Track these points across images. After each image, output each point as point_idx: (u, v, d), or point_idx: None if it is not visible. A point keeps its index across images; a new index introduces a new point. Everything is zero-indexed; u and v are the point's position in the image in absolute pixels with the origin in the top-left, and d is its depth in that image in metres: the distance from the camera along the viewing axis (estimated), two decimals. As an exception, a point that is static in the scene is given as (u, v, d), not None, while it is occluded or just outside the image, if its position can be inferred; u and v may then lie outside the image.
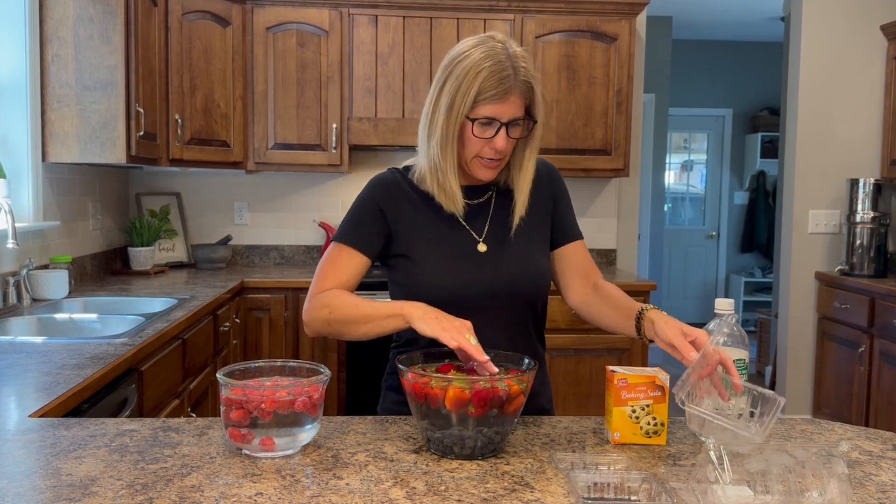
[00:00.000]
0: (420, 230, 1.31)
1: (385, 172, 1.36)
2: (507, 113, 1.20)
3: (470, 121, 1.21)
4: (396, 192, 1.32)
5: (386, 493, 0.93)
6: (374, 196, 1.32)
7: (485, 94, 1.19)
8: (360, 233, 1.31)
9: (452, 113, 1.21)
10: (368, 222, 1.31)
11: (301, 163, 3.33)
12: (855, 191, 3.60)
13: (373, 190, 1.34)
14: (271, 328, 3.11)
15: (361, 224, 1.32)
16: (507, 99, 1.19)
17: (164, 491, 0.92)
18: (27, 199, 2.53)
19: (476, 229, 1.32)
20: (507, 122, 1.21)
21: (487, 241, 1.31)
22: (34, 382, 1.44)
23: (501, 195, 1.34)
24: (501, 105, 1.19)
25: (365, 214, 1.32)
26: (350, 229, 1.32)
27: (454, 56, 1.22)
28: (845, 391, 3.53)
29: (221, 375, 1.06)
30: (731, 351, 1.14)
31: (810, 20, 3.73)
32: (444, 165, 1.24)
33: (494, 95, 1.19)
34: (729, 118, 6.73)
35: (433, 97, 1.24)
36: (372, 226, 1.31)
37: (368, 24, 3.30)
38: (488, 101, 1.19)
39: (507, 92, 1.19)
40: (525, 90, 1.21)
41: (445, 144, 1.23)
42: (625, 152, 3.41)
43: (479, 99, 1.19)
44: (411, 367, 1.09)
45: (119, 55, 2.54)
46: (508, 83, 1.19)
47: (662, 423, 1.13)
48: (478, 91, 1.18)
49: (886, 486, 1.00)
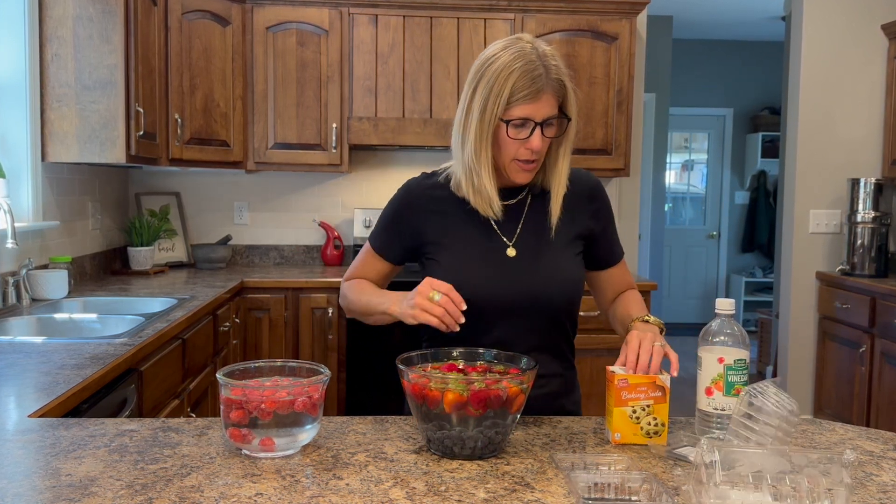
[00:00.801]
0: (449, 235, 1.31)
1: (417, 177, 1.38)
2: (540, 112, 1.20)
3: (504, 122, 1.21)
4: (426, 197, 1.34)
5: (386, 493, 0.93)
6: (404, 202, 1.36)
7: (518, 95, 1.18)
8: (386, 239, 1.38)
9: (486, 116, 1.21)
10: (394, 229, 1.37)
11: (301, 162, 3.33)
12: (856, 190, 3.59)
13: (404, 195, 1.37)
14: (271, 328, 3.10)
15: (388, 230, 1.38)
16: (540, 98, 1.19)
17: (163, 491, 0.92)
18: (27, 199, 2.53)
19: (507, 233, 1.30)
20: (541, 121, 1.21)
21: (518, 246, 1.30)
22: (34, 382, 1.43)
23: (536, 198, 1.33)
24: (535, 104, 1.19)
25: (392, 220, 1.37)
26: (378, 233, 1.40)
27: (484, 60, 1.22)
28: (846, 391, 3.52)
29: (221, 375, 1.06)
30: (731, 351, 1.14)
31: (811, 19, 3.73)
32: (479, 169, 1.24)
33: (527, 95, 1.18)
34: (730, 118, 6.73)
35: (465, 102, 1.24)
36: (397, 232, 1.36)
37: (368, 24, 3.30)
38: (521, 101, 1.19)
39: (540, 91, 1.19)
40: (558, 88, 1.21)
41: (480, 148, 1.23)
42: (625, 152, 3.41)
43: (513, 100, 1.19)
44: (411, 368, 1.09)
45: (119, 55, 2.53)
46: (541, 82, 1.19)
47: (663, 424, 1.13)
48: (511, 92, 1.18)
49: (888, 486, 0.99)
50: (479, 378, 1.05)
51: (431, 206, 1.33)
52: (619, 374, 1.13)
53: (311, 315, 3.11)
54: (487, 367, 1.14)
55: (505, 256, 1.29)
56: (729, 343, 1.15)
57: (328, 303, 3.11)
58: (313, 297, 3.11)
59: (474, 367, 1.14)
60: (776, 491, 0.87)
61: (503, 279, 1.28)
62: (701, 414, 1.16)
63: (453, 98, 3.33)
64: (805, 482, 0.87)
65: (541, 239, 1.30)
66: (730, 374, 1.13)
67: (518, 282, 1.28)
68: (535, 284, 1.28)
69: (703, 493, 0.87)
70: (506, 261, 1.29)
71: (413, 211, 1.34)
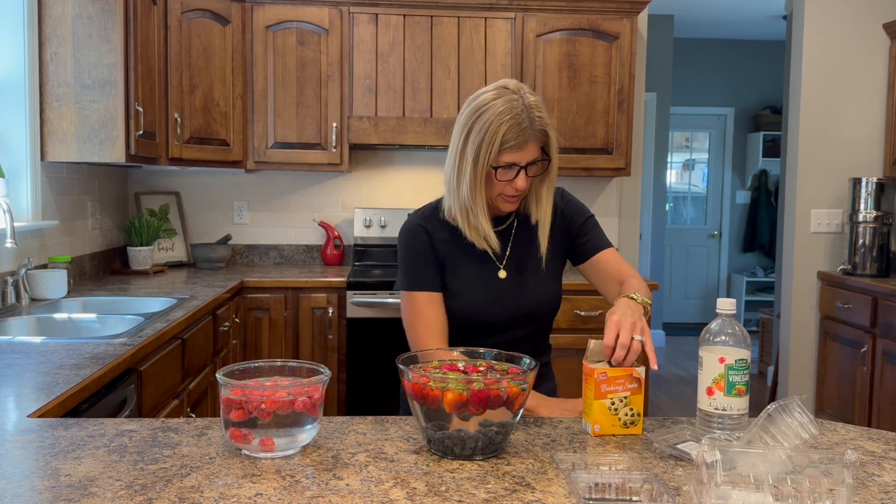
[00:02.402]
0: (453, 261, 1.45)
1: (412, 220, 1.49)
2: (525, 158, 1.36)
3: (494, 168, 1.36)
4: (429, 231, 1.46)
5: (386, 493, 0.92)
6: (419, 236, 1.46)
7: (506, 145, 1.34)
8: (424, 274, 1.44)
9: (479, 163, 1.36)
10: (425, 262, 1.44)
11: (301, 162, 3.32)
12: (857, 190, 3.59)
13: (415, 234, 1.46)
14: (271, 328, 3.10)
15: (421, 266, 1.45)
16: (526, 147, 1.35)
17: (163, 491, 0.91)
18: (26, 199, 2.53)
19: (497, 256, 1.47)
20: (525, 164, 1.36)
21: (507, 268, 1.46)
22: (33, 382, 1.43)
23: (521, 224, 1.49)
24: (521, 152, 1.35)
25: (419, 256, 1.45)
26: (414, 275, 1.45)
27: (473, 110, 1.37)
28: (848, 391, 3.52)
29: (221, 375, 1.05)
30: (732, 350, 1.13)
31: (812, 18, 3.72)
32: (475, 209, 1.39)
33: (514, 146, 1.34)
34: (731, 117, 6.72)
35: (458, 146, 1.38)
36: (430, 263, 1.44)
37: (369, 23, 3.29)
38: (509, 150, 1.34)
39: (525, 141, 1.34)
40: (540, 136, 1.36)
41: (474, 189, 1.38)
42: (626, 151, 3.40)
43: (502, 149, 1.34)
44: (411, 368, 1.09)
45: (118, 54, 2.53)
46: (526, 134, 1.34)
47: (639, 414, 1.18)
48: (501, 142, 1.33)
49: (889, 486, 0.99)
50: (479, 378, 1.04)
51: (435, 239, 1.46)
52: (598, 368, 1.18)
53: (311, 315, 3.11)
54: (488, 366, 1.14)
55: (497, 278, 1.46)
56: (730, 343, 1.14)
57: (328, 303, 3.10)
58: (313, 297, 3.10)
59: (475, 368, 1.14)
60: (777, 491, 0.87)
61: (497, 299, 1.44)
62: (702, 414, 1.16)
63: (454, 97, 3.32)
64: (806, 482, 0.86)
65: (526, 261, 1.47)
66: (731, 373, 1.13)
67: (510, 301, 1.45)
68: (522, 302, 1.45)
69: (704, 494, 0.86)
70: (499, 282, 1.46)
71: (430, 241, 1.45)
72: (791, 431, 1.04)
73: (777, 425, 1.04)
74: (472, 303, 1.43)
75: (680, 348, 5.93)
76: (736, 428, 1.13)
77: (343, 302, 3.10)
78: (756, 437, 1.04)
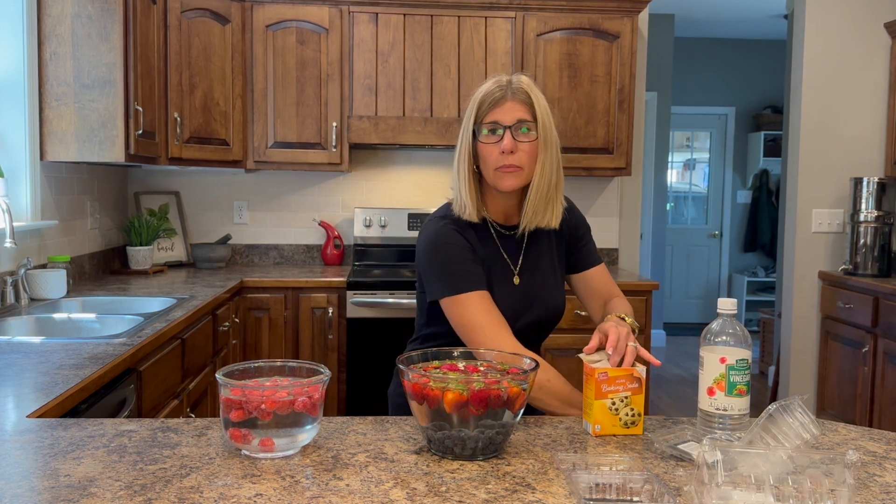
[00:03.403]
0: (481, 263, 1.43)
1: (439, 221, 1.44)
2: (507, 117, 1.35)
3: (477, 129, 1.37)
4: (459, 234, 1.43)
5: (386, 493, 0.92)
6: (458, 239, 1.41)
7: (484, 104, 1.37)
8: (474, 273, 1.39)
9: (466, 131, 1.39)
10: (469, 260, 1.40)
11: (301, 161, 3.32)
12: (859, 190, 3.58)
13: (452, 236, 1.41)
14: (271, 328, 3.10)
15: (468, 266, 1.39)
16: (504, 104, 1.36)
17: (162, 492, 0.91)
18: (25, 198, 2.52)
19: (513, 261, 1.47)
20: (510, 124, 1.35)
21: (521, 274, 1.47)
22: (32, 383, 1.43)
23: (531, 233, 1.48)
24: (500, 109, 1.35)
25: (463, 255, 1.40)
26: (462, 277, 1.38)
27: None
28: (849, 391, 3.51)
29: (221, 376, 1.05)
30: (733, 350, 1.13)
31: (813, 18, 3.72)
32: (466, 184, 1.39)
33: (491, 102, 1.36)
34: (732, 116, 6.71)
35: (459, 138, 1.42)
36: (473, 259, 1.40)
37: (369, 22, 3.29)
38: (488, 108, 1.37)
39: (503, 97, 1.36)
40: (523, 98, 1.37)
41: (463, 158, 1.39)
42: (627, 151, 3.40)
43: (482, 110, 1.37)
44: (411, 368, 1.08)
45: (117, 53, 2.53)
46: (504, 90, 1.37)
47: (639, 414, 1.18)
48: (479, 103, 1.37)
49: (891, 486, 0.99)
50: (480, 378, 1.04)
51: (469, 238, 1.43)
52: (599, 367, 1.17)
53: (311, 315, 3.10)
54: (489, 366, 1.14)
55: (512, 283, 1.45)
56: (731, 343, 1.14)
57: (328, 302, 3.10)
58: (313, 297, 3.10)
59: (475, 368, 1.13)
60: (778, 492, 0.86)
61: (514, 304, 1.44)
62: (703, 414, 1.15)
63: (454, 97, 3.32)
64: (807, 483, 0.86)
65: (536, 269, 1.48)
66: (732, 374, 1.12)
67: (523, 307, 1.45)
68: (535, 309, 1.46)
69: (705, 494, 0.86)
70: (514, 289, 1.45)
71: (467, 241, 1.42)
72: (792, 432, 1.03)
73: (778, 425, 1.04)
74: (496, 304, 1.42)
75: (681, 348, 5.92)
76: (737, 428, 1.12)
77: (343, 302, 3.10)
78: (757, 437, 1.03)
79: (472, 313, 1.35)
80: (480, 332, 1.33)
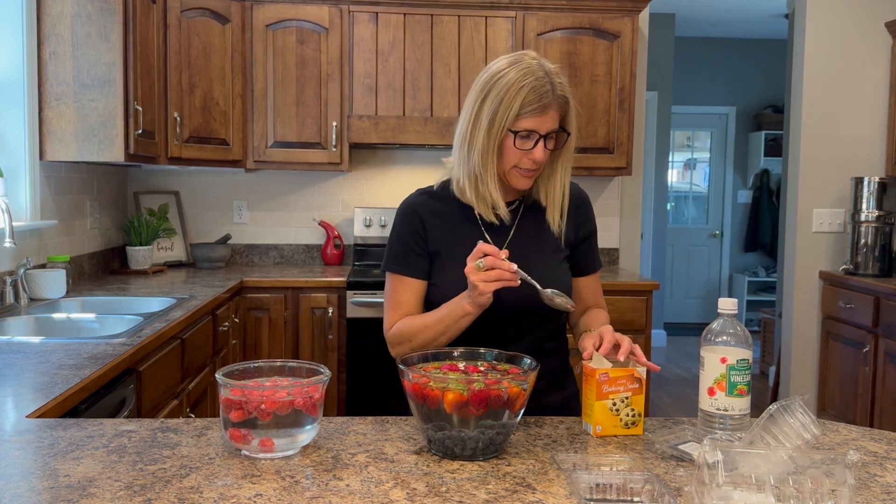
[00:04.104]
0: (449, 247, 1.37)
1: (413, 196, 1.43)
2: (545, 126, 1.29)
3: (512, 133, 1.28)
4: (428, 210, 1.39)
5: (386, 494, 0.92)
6: (412, 216, 1.39)
7: (526, 109, 1.26)
8: (408, 259, 1.38)
9: (494, 127, 1.28)
10: (412, 246, 1.38)
11: (301, 161, 3.32)
12: (860, 189, 3.58)
13: (409, 211, 1.40)
14: (271, 328, 3.09)
15: (407, 249, 1.38)
16: (547, 113, 1.28)
17: (162, 492, 0.91)
18: (24, 198, 2.52)
19: (498, 240, 1.37)
20: (545, 134, 1.29)
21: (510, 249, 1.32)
22: (31, 383, 1.43)
23: (528, 208, 1.40)
24: (541, 118, 1.28)
25: (408, 239, 1.38)
26: (397, 257, 1.39)
27: (492, 74, 1.30)
28: (850, 391, 3.51)
29: (220, 376, 1.05)
30: (734, 351, 1.13)
31: (814, 17, 3.71)
32: (485, 177, 1.31)
33: (535, 109, 1.27)
34: (732, 116, 6.71)
35: (472, 112, 1.31)
36: (417, 249, 1.38)
37: (369, 22, 3.29)
38: (529, 114, 1.27)
39: (547, 106, 1.27)
40: (562, 104, 1.30)
41: (486, 156, 1.30)
42: (627, 150, 3.39)
43: (522, 113, 1.27)
44: (411, 368, 1.08)
45: (117, 52, 2.53)
46: (548, 98, 1.27)
47: (639, 414, 1.17)
48: (520, 105, 1.26)
49: (892, 487, 0.99)
50: (480, 378, 1.04)
51: (433, 218, 1.39)
52: (599, 368, 1.16)
53: (311, 315, 3.10)
54: (489, 366, 1.14)
55: None
56: (732, 343, 1.14)
57: (328, 302, 3.10)
58: (313, 297, 3.10)
59: (475, 368, 1.13)
60: (779, 492, 0.86)
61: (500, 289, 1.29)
62: (703, 414, 1.15)
63: (454, 96, 3.32)
64: (808, 483, 0.86)
65: (532, 247, 1.38)
66: (732, 374, 1.12)
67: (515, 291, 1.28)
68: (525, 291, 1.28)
69: (705, 494, 0.86)
70: None
71: (422, 222, 1.38)
72: (793, 432, 1.03)
73: (779, 426, 1.04)
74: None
75: (681, 348, 5.92)
76: (737, 428, 1.12)
77: (343, 302, 3.10)
78: (758, 437, 1.03)
79: (386, 291, 1.40)
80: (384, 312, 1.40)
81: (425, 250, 1.38)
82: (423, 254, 1.38)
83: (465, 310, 1.26)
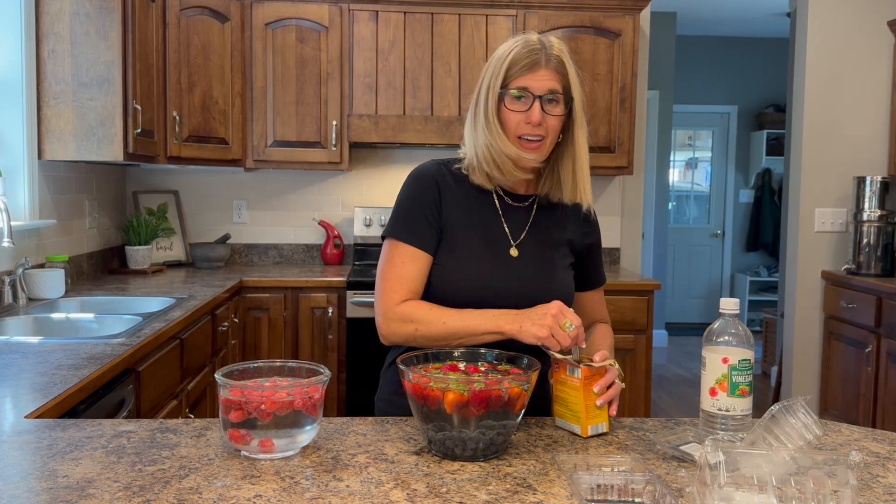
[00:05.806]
0: (463, 226, 1.31)
1: (430, 164, 1.35)
2: (538, 85, 1.23)
3: (503, 93, 1.24)
4: (445, 182, 1.32)
5: (386, 494, 0.91)
6: (432, 187, 1.31)
7: (515, 67, 1.23)
8: (420, 227, 1.29)
9: (490, 93, 1.25)
10: (426, 214, 1.29)
11: (300, 160, 3.31)
12: (862, 189, 3.57)
13: (425, 178, 1.32)
14: (270, 328, 3.09)
15: (419, 216, 1.29)
16: (537, 70, 1.23)
17: (161, 493, 0.90)
18: (23, 198, 2.52)
19: (514, 232, 1.33)
20: (540, 94, 1.23)
21: (521, 247, 1.32)
22: (30, 383, 1.42)
23: (543, 208, 1.36)
24: (532, 76, 1.23)
25: (423, 206, 1.29)
26: (407, 225, 1.29)
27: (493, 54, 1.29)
28: (852, 392, 3.50)
29: (220, 376, 1.04)
30: (736, 351, 1.12)
31: (816, 16, 3.71)
32: (495, 141, 1.25)
33: (525, 66, 1.23)
34: (734, 115, 6.70)
35: (476, 92, 1.29)
36: (430, 218, 1.29)
37: (369, 20, 3.28)
38: (518, 73, 1.23)
39: (536, 63, 1.23)
40: (557, 66, 1.25)
41: (490, 122, 1.25)
42: (628, 150, 3.39)
43: (511, 73, 1.24)
44: (412, 368, 1.08)
45: (116, 51, 2.52)
46: (537, 55, 1.23)
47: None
48: (510, 64, 1.23)
49: (894, 487, 0.98)
50: (480, 378, 1.03)
51: (450, 191, 1.32)
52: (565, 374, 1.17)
53: (311, 315, 3.10)
54: (490, 366, 1.13)
55: (508, 255, 1.32)
56: (733, 343, 1.13)
57: (328, 302, 3.09)
58: (313, 297, 3.09)
59: (476, 368, 1.12)
60: (781, 493, 0.86)
61: (504, 277, 1.30)
62: (705, 415, 1.15)
63: (454, 95, 3.31)
64: (810, 484, 0.85)
65: (542, 246, 1.34)
66: (734, 374, 1.12)
67: (517, 282, 1.30)
68: (532, 287, 1.30)
69: (707, 495, 0.85)
70: (508, 260, 1.32)
71: (439, 191, 1.31)
72: (795, 432, 1.03)
73: (781, 426, 1.03)
74: (476, 277, 1.28)
75: (682, 348, 5.91)
76: (739, 429, 1.11)
77: (343, 302, 3.09)
78: (759, 438, 1.02)
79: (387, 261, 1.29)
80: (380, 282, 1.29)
81: (438, 222, 1.29)
82: (435, 225, 1.29)
83: (500, 328, 1.19)
